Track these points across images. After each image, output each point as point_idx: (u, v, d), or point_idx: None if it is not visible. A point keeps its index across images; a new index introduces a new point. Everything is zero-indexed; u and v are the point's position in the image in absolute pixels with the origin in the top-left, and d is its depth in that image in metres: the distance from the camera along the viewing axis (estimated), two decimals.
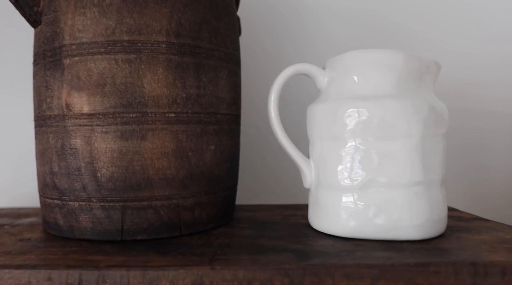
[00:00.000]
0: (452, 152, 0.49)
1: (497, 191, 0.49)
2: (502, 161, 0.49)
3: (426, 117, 0.27)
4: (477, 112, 0.48)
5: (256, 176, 0.47)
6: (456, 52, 0.48)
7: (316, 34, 0.47)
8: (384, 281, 0.23)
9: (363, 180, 0.27)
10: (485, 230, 0.30)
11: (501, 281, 0.23)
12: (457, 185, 0.48)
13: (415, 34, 0.48)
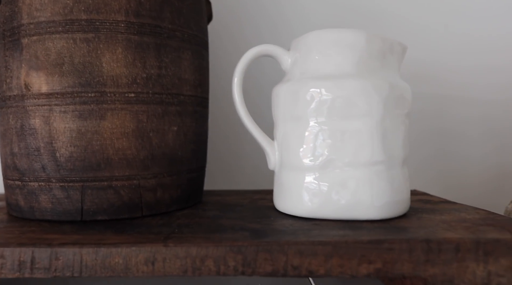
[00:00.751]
0: (427, 138, 0.49)
1: (471, 178, 0.49)
2: (477, 148, 0.49)
3: (386, 97, 0.27)
4: (454, 98, 0.48)
5: (230, 161, 0.47)
6: (435, 36, 0.48)
7: (291, 15, 0.47)
8: (338, 258, 0.23)
9: (324, 159, 0.27)
10: (448, 211, 0.30)
11: (454, 258, 0.23)
12: (431, 171, 0.49)
13: (394, 16, 0.48)
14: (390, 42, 0.28)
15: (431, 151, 0.48)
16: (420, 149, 0.48)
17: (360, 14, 0.48)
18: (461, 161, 0.49)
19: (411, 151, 0.48)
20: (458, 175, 0.49)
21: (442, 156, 0.49)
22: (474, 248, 0.23)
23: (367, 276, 0.23)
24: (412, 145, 0.48)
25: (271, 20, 0.47)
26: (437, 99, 0.48)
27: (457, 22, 0.48)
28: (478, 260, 0.23)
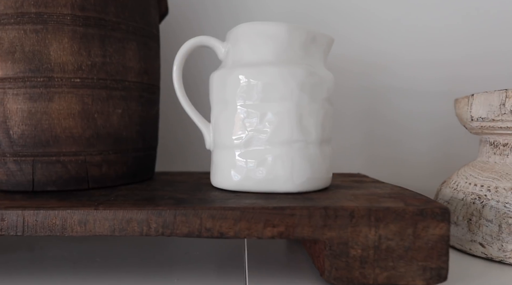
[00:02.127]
0: (376, 127, 0.52)
1: (417, 168, 0.52)
2: (424, 141, 0.52)
3: (303, 83, 0.30)
4: (403, 91, 0.51)
5: (184, 144, 0.50)
6: (388, 28, 0.51)
7: (254, 8, 0.50)
8: (245, 222, 0.26)
9: (246, 138, 0.30)
10: (366, 188, 0.33)
11: (349, 223, 0.26)
12: (380, 159, 0.52)
13: (351, 8, 0.51)
14: (313, 34, 0.31)
15: (381, 141, 0.51)
16: (371, 138, 0.51)
17: (318, 5, 0.51)
18: (408, 151, 0.52)
19: (363, 139, 0.51)
20: (405, 165, 0.52)
21: (390, 146, 0.52)
22: (367, 214, 0.26)
23: (272, 237, 0.26)
24: (363, 134, 0.51)
25: (234, 11, 0.50)
26: (387, 91, 0.51)
27: (409, 15, 0.51)
28: (370, 225, 0.26)
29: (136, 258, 0.33)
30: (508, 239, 0.31)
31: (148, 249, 0.35)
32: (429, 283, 0.26)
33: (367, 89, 0.51)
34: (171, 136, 0.51)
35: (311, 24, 0.51)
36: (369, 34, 0.51)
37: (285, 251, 0.35)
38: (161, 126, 0.50)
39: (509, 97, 0.32)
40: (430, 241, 0.26)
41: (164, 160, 0.51)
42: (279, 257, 0.33)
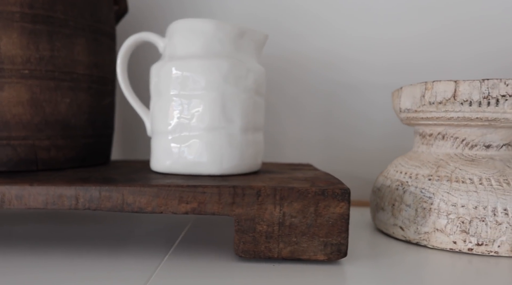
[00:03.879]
0: (338, 118, 0.54)
1: (373, 158, 0.54)
2: (379, 130, 0.53)
3: (226, 74, 0.32)
4: (364, 84, 0.53)
5: None
6: (347, 34, 0.53)
7: (217, 9, 0.53)
8: (161, 198, 0.29)
9: (176, 125, 0.33)
10: (294, 173, 0.36)
11: (255, 201, 0.28)
12: (338, 149, 0.54)
13: (312, 14, 0.53)
14: (242, 30, 0.34)
15: (339, 131, 0.54)
16: (331, 128, 0.54)
17: (277, 7, 0.53)
18: (365, 140, 0.53)
19: (324, 131, 0.54)
20: (362, 153, 0.53)
21: (348, 136, 0.54)
22: (272, 193, 0.28)
23: (186, 213, 0.29)
24: (325, 125, 0.54)
25: (199, 13, 0.53)
26: (350, 85, 0.53)
27: (365, 13, 0.53)
28: (275, 203, 0.29)
29: (83, 235, 0.36)
30: (422, 222, 0.33)
31: (95, 227, 0.38)
32: (330, 257, 0.29)
33: (327, 84, 0.54)
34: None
35: (270, 24, 0.53)
36: (323, 35, 0.53)
37: (226, 228, 0.38)
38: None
39: (428, 89, 0.34)
40: (331, 219, 0.28)
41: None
42: (216, 234, 0.36)
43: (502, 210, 0.31)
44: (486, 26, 0.53)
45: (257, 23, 0.53)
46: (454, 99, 0.33)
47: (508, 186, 0.32)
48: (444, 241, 0.32)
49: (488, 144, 0.34)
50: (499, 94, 0.32)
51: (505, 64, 0.53)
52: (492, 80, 0.32)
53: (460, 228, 0.31)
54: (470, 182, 0.32)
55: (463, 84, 0.32)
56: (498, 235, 0.31)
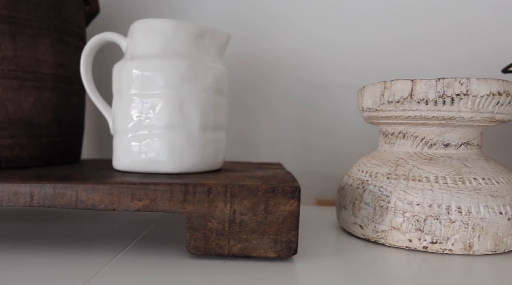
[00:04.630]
0: (312, 119, 0.54)
1: (349, 157, 0.54)
2: (354, 130, 0.54)
3: (184, 74, 0.33)
4: (337, 85, 0.54)
5: None
6: (323, 37, 0.53)
7: (191, 8, 0.54)
8: (114, 195, 0.29)
9: (134, 123, 0.33)
10: (255, 172, 0.36)
11: (206, 198, 0.29)
12: (313, 148, 0.54)
13: (284, 16, 0.53)
14: (202, 30, 0.34)
15: (312, 132, 0.54)
16: (305, 129, 0.54)
17: (253, 8, 0.53)
18: (338, 141, 0.54)
19: (296, 131, 0.54)
20: (335, 153, 0.54)
21: (321, 137, 0.54)
22: (223, 191, 0.29)
23: (138, 210, 0.29)
24: (299, 125, 0.54)
25: (175, 14, 0.54)
26: (323, 86, 0.54)
27: (342, 12, 0.53)
28: (226, 201, 0.29)
29: (43, 233, 0.36)
30: (379, 220, 0.33)
31: (62, 224, 0.38)
32: (280, 255, 0.29)
33: (298, 85, 0.54)
34: None
35: (245, 24, 0.54)
36: (297, 36, 0.53)
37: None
38: None
39: (387, 88, 0.34)
40: (281, 216, 0.29)
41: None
42: (179, 232, 0.36)
43: (456, 208, 0.31)
44: (461, 32, 0.53)
45: (232, 23, 0.54)
46: (411, 98, 0.33)
47: (463, 184, 0.32)
48: (400, 239, 0.32)
49: (447, 143, 0.34)
50: (454, 93, 0.32)
51: (480, 68, 0.54)
52: (448, 79, 0.32)
53: (415, 226, 0.32)
54: (426, 180, 0.32)
55: (419, 83, 0.33)
56: (452, 233, 0.31)
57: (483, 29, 0.53)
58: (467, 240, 0.31)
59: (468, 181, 0.32)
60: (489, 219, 0.31)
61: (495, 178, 0.33)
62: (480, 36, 0.53)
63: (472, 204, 0.31)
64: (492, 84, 0.32)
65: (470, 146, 0.35)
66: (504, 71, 0.46)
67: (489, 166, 0.34)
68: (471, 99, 0.32)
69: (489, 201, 0.31)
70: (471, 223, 0.31)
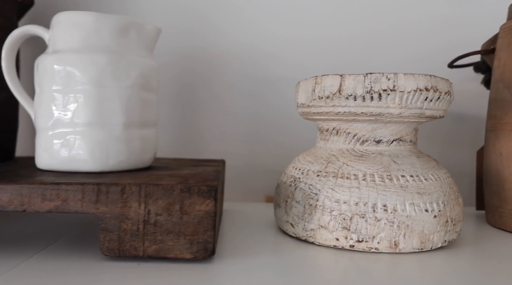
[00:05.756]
0: (259, 118, 0.53)
1: (298, 152, 0.53)
2: (303, 127, 0.53)
3: (104, 68, 0.31)
4: (287, 80, 0.53)
5: None
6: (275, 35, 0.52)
7: (142, 1, 0.52)
8: (24, 196, 0.28)
9: (54, 120, 0.32)
10: (188, 169, 0.35)
11: (120, 198, 0.28)
12: (267, 143, 0.53)
13: (238, 7, 0.52)
14: (126, 23, 0.33)
15: (262, 127, 0.53)
16: (255, 124, 0.53)
17: (207, 3, 0.52)
18: (287, 136, 0.53)
19: (246, 126, 0.53)
20: (284, 148, 0.53)
21: (271, 132, 0.53)
22: (137, 191, 0.28)
23: (49, 211, 0.28)
24: (249, 120, 0.53)
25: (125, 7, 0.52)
26: (272, 81, 0.53)
27: (291, 9, 0.52)
28: (140, 201, 0.28)
29: None
30: (309, 219, 0.32)
31: None
32: (196, 256, 0.28)
33: (249, 79, 0.53)
34: None
35: (195, 16, 0.52)
36: (247, 30, 0.52)
37: None
38: None
39: (318, 83, 0.33)
40: (197, 216, 0.28)
41: None
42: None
43: (381, 206, 0.30)
44: (411, 29, 0.53)
45: (182, 15, 0.52)
46: (340, 94, 0.32)
47: (390, 181, 0.31)
48: (328, 238, 0.32)
49: (379, 139, 0.34)
50: (381, 88, 0.31)
51: (431, 65, 0.53)
52: (375, 75, 0.31)
53: (342, 224, 0.31)
54: (354, 178, 0.32)
55: (348, 79, 0.32)
56: (377, 232, 0.30)
57: (433, 26, 0.53)
58: (393, 238, 0.30)
59: (396, 178, 0.31)
60: (415, 217, 0.30)
61: (424, 174, 0.32)
62: (431, 33, 0.53)
63: (398, 202, 0.30)
64: (419, 79, 0.31)
65: (402, 142, 0.34)
66: (450, 66, 0.46)
67: (419, 163, 0.33)
68: (398, 95, 0.31)
69: (416, 199, 0.31)
70: (396, 221, 0.30)
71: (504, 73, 0.39)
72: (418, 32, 0.53)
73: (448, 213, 0.32)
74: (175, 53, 0.52)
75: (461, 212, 0.33)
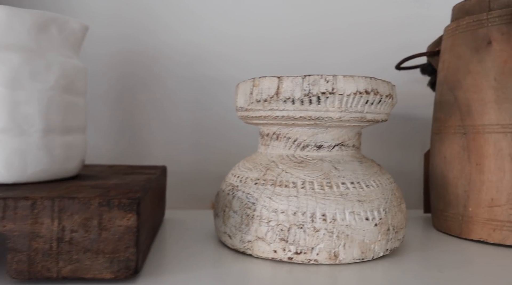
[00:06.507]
0: (207, 121, 0.51)
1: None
2: (250, 131, 0.51)
3: (18, 69, 0.28)
4: (227, 84, 0.51)
5: None
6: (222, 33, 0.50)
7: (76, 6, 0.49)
8: None
9: None
10: (117, 179, 0.32)
11: (30, 214, 0.25)
12: (205, 151, 0.51)
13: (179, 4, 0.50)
14: (48, 19, 0.30)
15: (210, 131, 0.51)
16: (202, 128, 0.51)
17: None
18: (235, 140, 0.51)
19: (192, 130, 0.51)
20: (233, 153, 0.51)
21: (219, 136, 0.51)
22: (50, 205, 0.25)
23: None
24: (195, 123, 0.51)
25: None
26: (220, 81, 0.51)
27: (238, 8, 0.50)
28: (54, 216, 0.25)
29: None
30: (246, 230, 0.31)
31: None
32: (118, 275, 0.25)
33: (193, 80, 0.51)
34: None
35: (139, 14, 0.50)
36: (194, 27, 0.50)
37: None
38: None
39: (255, 86, 0.32)
40: (117, 232, 0.25)
41: None
42: None
43: (320, 215, 0.29)
44: (361, 31, 0.52)
45: (125, 12, 0.49)
46: (277, 97, 0.30)
47: (330, 189, 0.30)
48: (266, 250, 0.30)
49: (320, 144, 0.32)
50: (320, 91, 0.29)
51: (381, 67, 0.52)
52: (314, 76, 0.30)
53: (279, 236, 0.29)
54: (293, 186, 0.30)
55: (286, 81, 0.30)
56: (316, 243, 0.29)
57: (382, 28, 0.52)
58: (332, 249, 0.29)
59: (336, 186, 0.30)
60: (355, 226, 0.29)
61: (366, 181, 0.31)
62: (380, 35, 0.52)
63: (337, 211, 0.29)
64: (359, 82, 0.30)
65: (344, 147, 0.33)
66: (397, 67, 0.45)
67: (361, 169, 0.32)
68: (337, 98, 0.30)
69: (356, 207, 0.29)
70: (335, 231, 0.29)
71: (447, 76, 0.39)
72: (366, 34, 0.52)
73: (389, 221, 0.30)
74: (115, 55, 0.49)
75: (404, 218, 0.32)
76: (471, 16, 0.37)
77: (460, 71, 0.38)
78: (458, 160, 0.37)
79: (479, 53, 0.36)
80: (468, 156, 0.37)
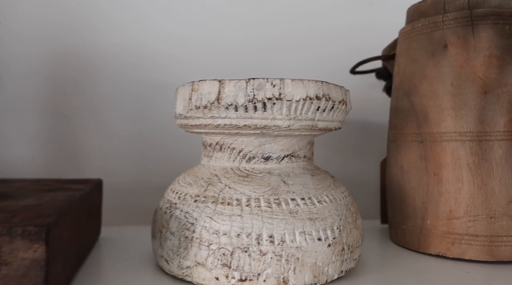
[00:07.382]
0: (148, 127, 0.47)
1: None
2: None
3: None
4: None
5: None
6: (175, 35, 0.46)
7: None
8: None
9: None
10: (32, 197, 0.28)
11: None
12: (147, 160, 0.47)
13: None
14: None
15: (152, 138, 0.47)
16: (143, 135, 0.47)
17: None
18: (183, 149, 0.47)
19: (133, 138, 0.46)
20: (178, 163, 0.47)
21: (162, 144, 0.47)
22: None
23: None
24: (136, 131, 0.46)
25: None
26: (162, 86, 0.47)
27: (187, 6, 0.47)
28: None
29: None
30: (184, 254, 0.27)
31: None
32: None
33: (133, 84, 0.46)
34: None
35: (73, 12, 0.45)
36: (141, 27, 0.46)
37: None
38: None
39: (195, 90, 0.28)
40: (21, 267, 0.21)
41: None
42: None
43: (267, 237, 0.26)
44: (315, 35, 0.49)
45: (52, 9, 0.45)
46: (219, 103, 0.27)
47: (278, 207, 0.26)
48: (207, 276, 0.26)
49: (268, 156, 0.29)
50: (266, 97, 0.26)
51: (336, 71, 0.50)
52: (259, 80, 0.26)
53: (222, 261, 0.26)
54: (236, 203, 0.27)
55: (228, 85, 0.27)
56: (263, 268, 0.25)
57: (337, 31, 0.50)
58: (281, 274, 0.26)
59: (285, 203, 0.27)
60: (306, 248, 0.26)
61: (317, 196, 0.28)
62: (335, 39, 0.50)
63: (286, 231, 0.26)
64: (309, 86, 0.27)
65: (295, 158, 0.30)
66: (352, 72, 0.43)
67: (313, 182, 0.29)
68: (286, 105, 0.27)
69: (307, 226, 0.26)
70: (284, 254, 0.25)
71: (403, 81, 0.37)
72: (320, 38, 0.50)
73: (344, 240, 0.28)
74: (45, 57, 0.44)
75: (360, 235, 0.30)
76: (426, 18, 0.35)
77: (416, 75, 0.36)
78: (415, 169, 0.35)
79: (435, 57, 0.34)
80: (425, 165, 0.35)
